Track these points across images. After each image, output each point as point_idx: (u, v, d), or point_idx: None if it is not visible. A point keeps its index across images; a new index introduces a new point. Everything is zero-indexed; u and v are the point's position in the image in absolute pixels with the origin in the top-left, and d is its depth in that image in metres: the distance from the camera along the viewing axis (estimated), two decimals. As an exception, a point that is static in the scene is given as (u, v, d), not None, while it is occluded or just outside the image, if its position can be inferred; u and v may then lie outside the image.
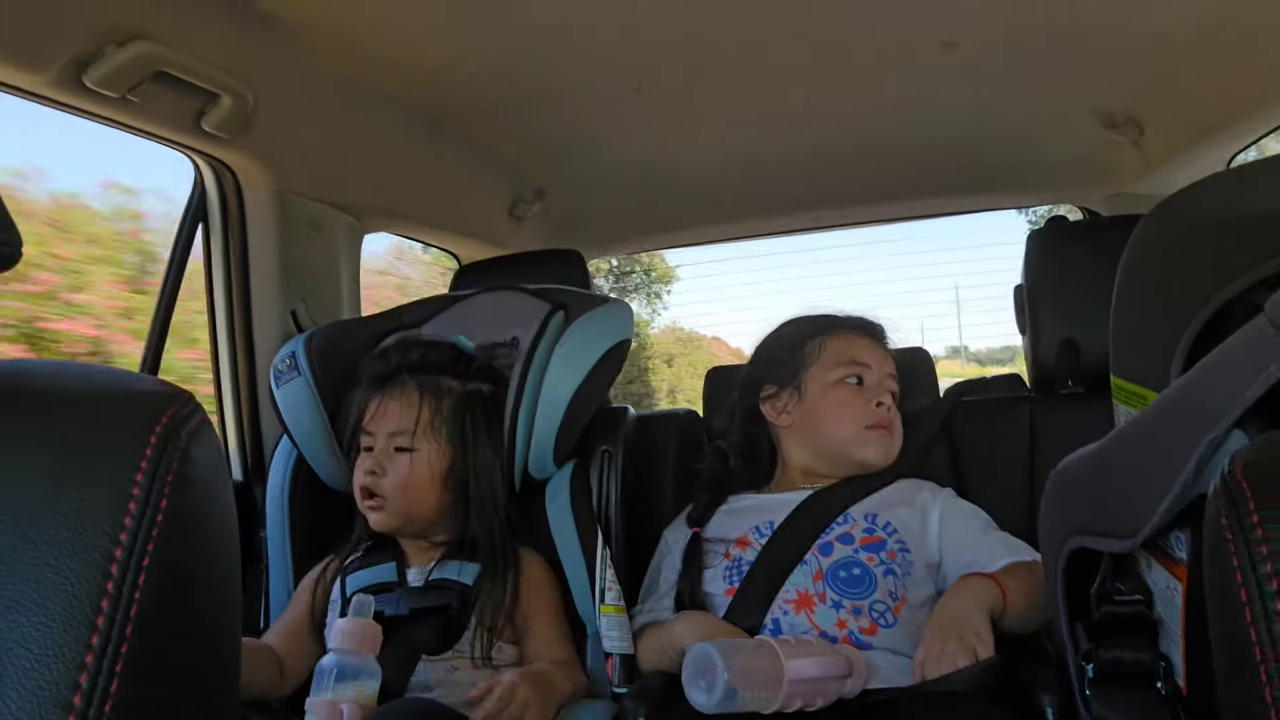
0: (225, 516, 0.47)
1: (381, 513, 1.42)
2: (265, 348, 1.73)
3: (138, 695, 0.39)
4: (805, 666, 1.13)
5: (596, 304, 1.60)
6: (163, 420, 0.44)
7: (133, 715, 0.38)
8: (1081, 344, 1.63)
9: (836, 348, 1.57)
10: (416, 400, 1.43)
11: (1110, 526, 0.75)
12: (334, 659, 1.20)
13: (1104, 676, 0.81)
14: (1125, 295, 0.89)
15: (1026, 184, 2.51)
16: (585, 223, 2.62)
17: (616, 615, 1.39)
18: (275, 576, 1.54)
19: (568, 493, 1.50)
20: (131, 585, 0.40)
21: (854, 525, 1.44)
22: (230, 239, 1.71)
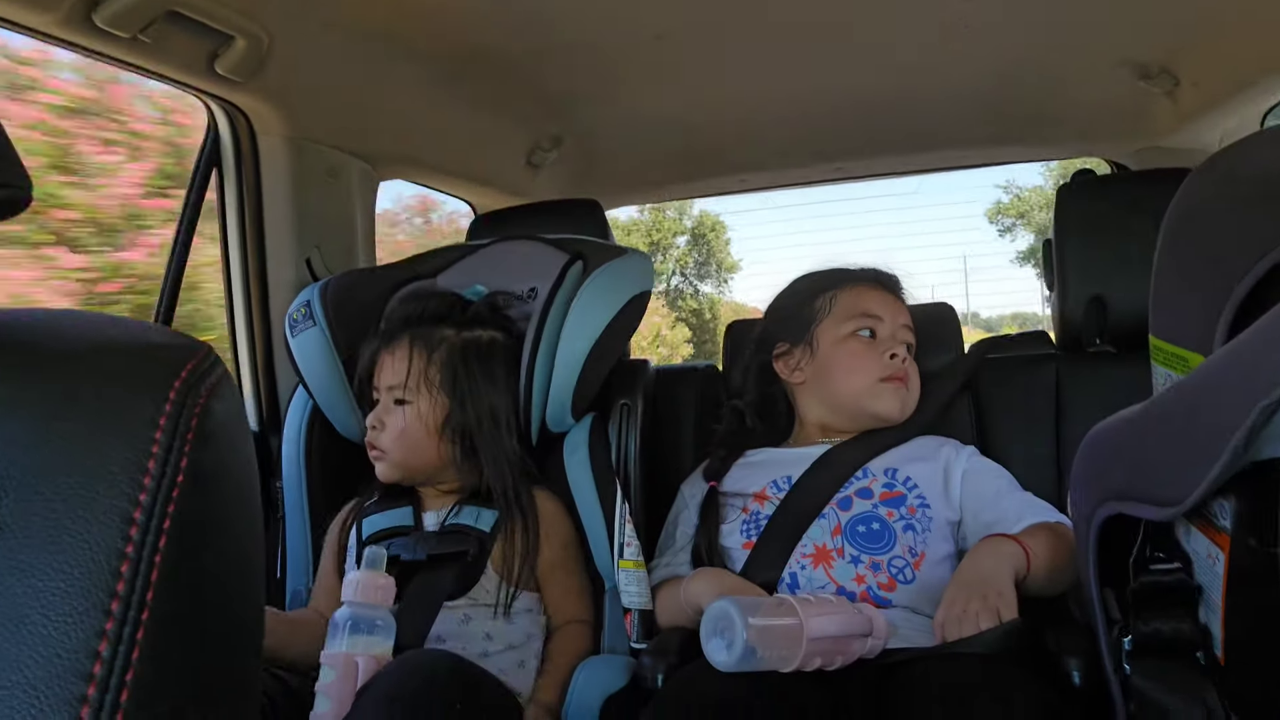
0: (247, 473, 0.45)
1: (383, 464, 1.43)
2: (280, 296, 1.72)
3: (159, 661, 0.37)
4: (825, 625, 1.12)
5: (615, 254, 1.57)
6: (182, 373, 0.42)
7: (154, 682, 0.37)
8: (1110, 301, 1.60)
9: (847, 301, 1.54)
10: (408, 353, 1.42)
11: (1151, 493, 0.72)
12: (348, 612, 1.19)
13: (1142, 647, 0.80)
14: (1169, 253, 0.86)
15: (1056, 136, 2.44)
16: (603, 172, 2.58)
17: (635, 570, 1.39)
18: (292, 526, 1.54)
19: (586, 446, 1.48)
20: (152, 548, 0.38)
21: (873, 480, 1.43)
22: (244, 185, 1.68)
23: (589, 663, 1.31)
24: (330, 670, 1.15)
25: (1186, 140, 2.19)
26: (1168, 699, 0.78)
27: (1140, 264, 1.52)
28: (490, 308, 1.51)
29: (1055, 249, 1.66)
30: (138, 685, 0.36)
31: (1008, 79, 2.10)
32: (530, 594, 1.40)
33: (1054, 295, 1.68)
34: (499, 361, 1.45)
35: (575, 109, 2.21)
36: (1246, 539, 0.68)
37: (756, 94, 2.14)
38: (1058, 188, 1.74)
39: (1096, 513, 0.81)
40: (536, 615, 1.41)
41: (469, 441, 1.42)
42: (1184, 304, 0.83)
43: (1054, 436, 1.58)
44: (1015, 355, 1.69)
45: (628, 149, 2.46)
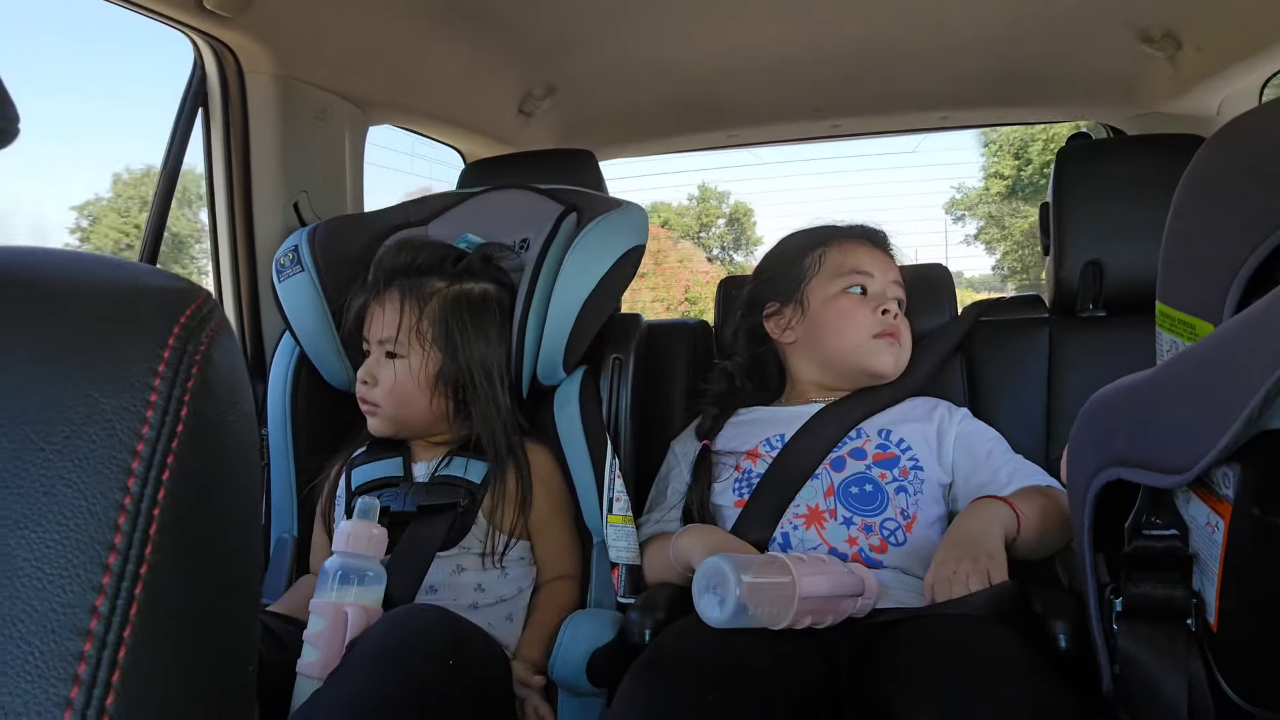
0: (246, 424, 0.43)
1: (375, 418, 1.41)
2: (266, 240, 1.68)
3: (156, 619, 0.35)
4: (818, 584, 1.12)
5: (610, 206, 1.54)
6: (181, 318, 0.40)
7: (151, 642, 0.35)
8: (1106, 266, 1.59)
9: (836, 258, 1.53)
10: (399, 306, 1.40)
11: (1155, 460, 0.72)
12: (338, 561, 1.18)
13: (1132, 611, 0.80)
14: (1182, 218, 0.84)
15: (1056, 98, 2.42)
16: (597, 122, 2.53)
17: (624, 525, 1.38)
18: (277, 475, 1.53)
19: (577, 400, 1.47)
20: (150, 500, 0.36)
21: (867, 440, 1.42)
22: (231, 125, 1.64)
23: (575, 617, 1.30)
24: (319, 619, 1.14)
25: (1186, 106, 2.17)
26: (1154, 664, 0.79)
27: (1138, 229, 1.54)
28: (483, 259, 1.48)
29: (1053, 212, 1.65)
30: (135, 642, 0.35)
31: (1010, 39, 2.08)
32: (523, 542, 1.40)
33: (1050, 259, 1.67)
34: (491, 314, 1.43)
35: (569, 56, 2.16)
36: (1250, 508, 0.68)
37: (753, 45, 2.10)
38: (1057, 151, 1.72)
39: (1096, 477, 0.80)
40: (528, 566, 1.41)
41: (461, 395, 1.40)
42: (1195, 269, 0.82)
43: (1045, 399, 1.58)
44: (1009, 318, 1.68)
45: (621, 99, 2.41)
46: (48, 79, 7.82)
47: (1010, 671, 0.99)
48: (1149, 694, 0.78)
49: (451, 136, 2.40)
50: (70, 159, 7.55)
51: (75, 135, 6.97)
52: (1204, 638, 0.77)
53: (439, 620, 1.14)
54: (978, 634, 1.09)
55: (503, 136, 2.38)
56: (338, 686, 1.04)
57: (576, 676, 1.22)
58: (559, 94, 2.32)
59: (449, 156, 2.50)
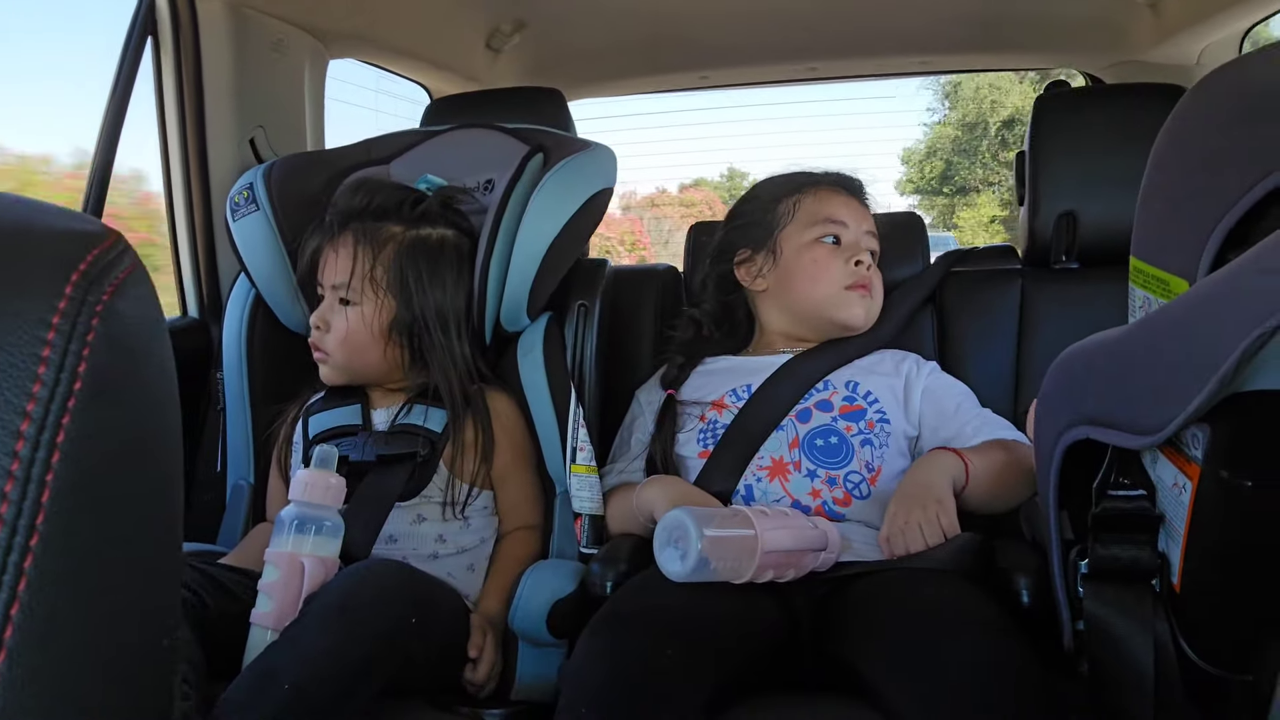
0: (162, 383, 0.40)
1: (326, 366, 1.38)
2: (221, 177, 1.63)
3: (49, 595, 0.32)
4: (781, 538, 1.10)
5: (578, 147, 1.50)
6: (81, 265, 0.36)
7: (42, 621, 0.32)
8: (1081, 217, 1.57)
9: (811, 206, 1.49)
10: (352, 251, 1.35)
11: (1126, 420, 0.70)
12: (294, 510, 1.15)
13: (1098, 572, 0.79)
14: (1160, 172, 0.82)
15: (1034, 44, 2.38)
16: (567, 60, 2.46)
17: (587, 475, 1.36)
18: (233, 419, 1.49)
19: (541, 347, 1.44)
20: (43, 465, 0.33)
21: (834, 393, 1.41)
22: (182, 56, 1.57)
23: (537, 567, 1.29)
24: (274, 569, 1.12)
25: (1166, 55, 2.14)
26: (1120, 624, 0.78)
27: (1115, 180, 1.51)
28: (442, 203, 1.43)
29: (1029, 162, 1.62)
30: (23, 622, 0.31)
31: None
32: (486, 492, 1.38)
33: (1024, 209, 1.65)
34: (449, 261, 1.39)
35: (538, -11, 2.09)
36: (1217, 470, 0.67)
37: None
38: (1035, 99, 1.69)
39: (1064, 435, 0.79)
40: (490, 516, 1.39)
41: (416, 343, 1.37)
42: (1170, 225, 0.80)
43: (1015, 352, 1.57)
44: (981, 269, 1.66)
45: (591, 36, 2.35)
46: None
47: (969, 627, 0.99)
48: (1115, 654, 0.77)
49: (417, 72, 2.32)
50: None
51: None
52: (1168, 598, 0.76)
53: (401, 577, 1.12)
54: (938, 589, 1.09)
55: (470, 73, 2.31)
56: (297, 643, 1.02)
57: (536, 627, 1.21)
58: (528, 29, 2.25)
59: (416, 93, 2.43)
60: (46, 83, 5.81)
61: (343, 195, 1.43)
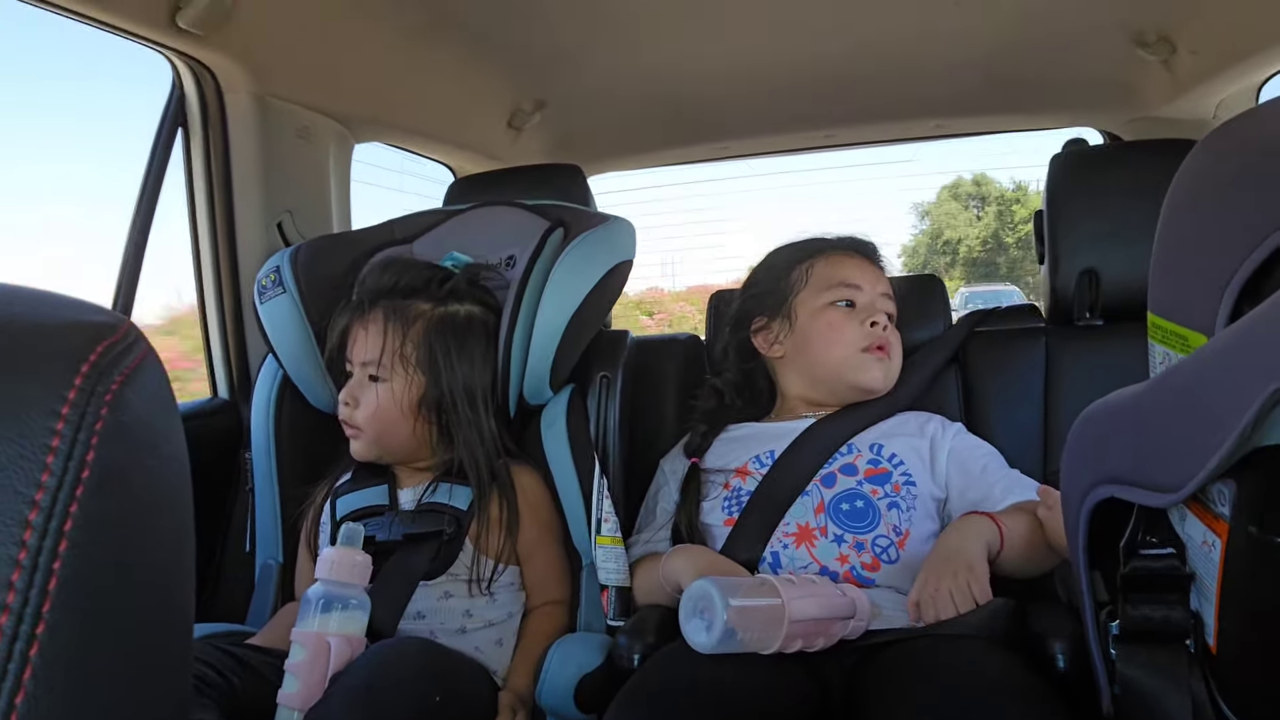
0: (172, 472, 0.40)
1: (358, 442, 1.39)
2: (249, 261, 1.66)
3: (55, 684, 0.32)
4: (808, 606, 1.09)
5: (597, 221, 1.52)
6: (91, 356, 0.37)
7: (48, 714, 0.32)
8: (1102, 274, 1.56)
9: (824, 271, 1.50)
10: (382, 328, 1.37)
11: (1148, 478, 0.69)
12: (321, 589, 1.16)
13: (1130, 633, 0.77)
14: (1171, 226, 0.82)
15: (1050, 105, 2.40)
16: (587, 136, 2.51)
17: (613, 547, 1.35)
18: (261, 499, 1.50)
19: (564, 419, 1.44)
20: (50, 554, 0.33)
21: (858, 456, 1.39)
22: (211, 145, 1.62)
23: (564, 641, 1.27)
24: (300, 649, 1.12)
25: (1182, 111, 2.15)
26: (1154, 686, 0.76)
27: (1134, 236, 1.51)
28: (469, 280, 1.45)
29: (1046, 220, 1.62)
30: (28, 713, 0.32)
31: (1003, 46, 2.06)
32: (512, 568, 1.37)
33: (1044, 267, 1.64)
34: (476, 337, 1.41)
35: (558, 71, 2.14)
36: (1246, 527, 0.65)
37: (745, 56, 2.08)
38: (1051, 158, 1.70)
39: (1089, 495, 0.78)
40: (517, 591, 1.38)
41: (444, 419, 1.38)
42: (1186, 279, 0.79)
43: (1042, 410, 1.55)
44: (1004, 328, 1.65)
45: (613, 113, 2.40)
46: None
47: (1005, 695, 0.96)
48: (1151, 717, 0.75)
49: (440, 153, 2.38)
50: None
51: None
52: (1204, 659, 0.74)
53: (424, 656, 1.12)
54: (972, 655, 1.06)
55: (492, 152, 2.36)
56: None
57: (564, 703, 1.19)
58: (549, 109, 2.30)
59: (441, 173, 2.48)
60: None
61: (371, 274, 1.45)
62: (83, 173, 5.77)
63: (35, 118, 3.85)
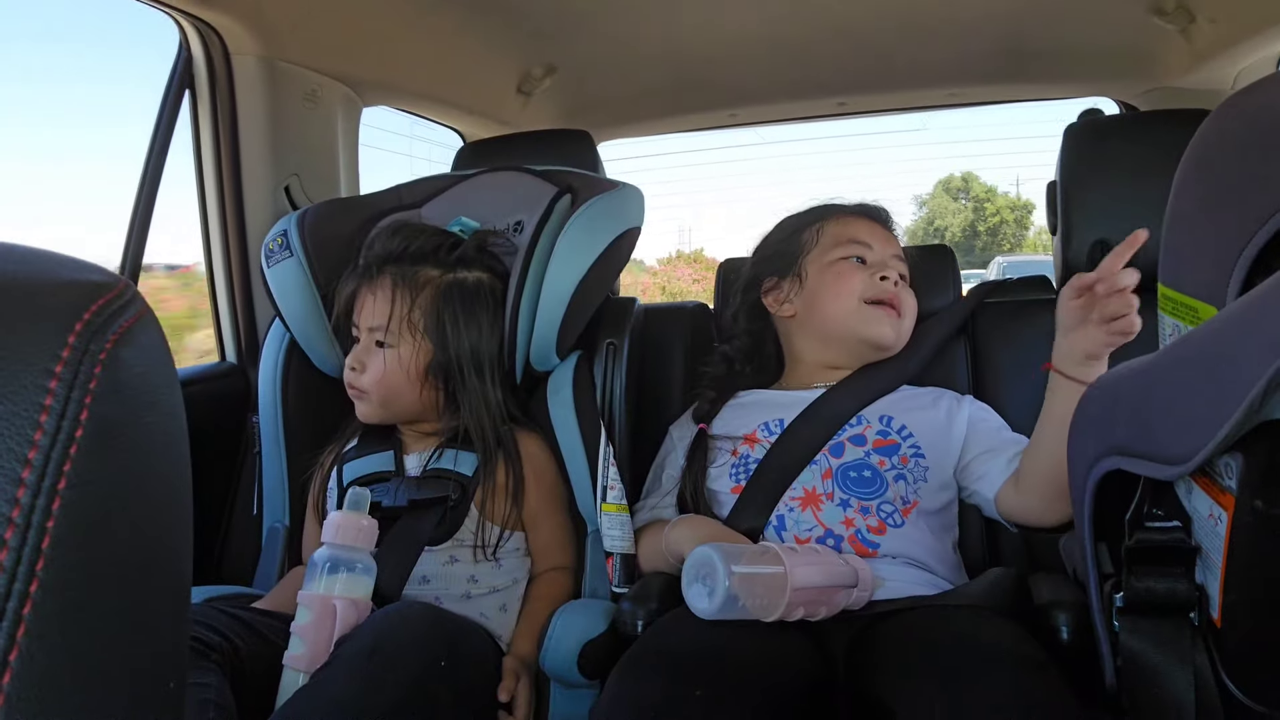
0: (167, 425, 0.40)
1: (363, 404, 1.39)
2: (257, 225, 1.66)
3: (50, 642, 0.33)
4: (810, 575, 1.09)
5: (606, 188, 1.51)
6: (85, 315, 0.37)
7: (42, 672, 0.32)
8: (1114, 245, 1.54)
9: (835, 230, 1.50)
10: (390, 294, 1.37)
11: (1155, 450, 0.69)
12: (327, 553, 1.16)
13: (1134, 605, 0.77)
14: (1183, 198, 0.81)
15: (1065, 74, 2.36)
16: (597, 102, 2.49)
17: (618, 514, 1.35)
18: (269, 462, 1.51)
19: (570, 386, 1.44)
20: (43, 512, 0.33)
21: (867, 427, 1.39)
22: (219, 109, 1.61)
23: (568, 607, 1.28)
24: (306, 611, 1.12)
25: (1199, 81, 2.11)
26: (1157, 658, 0.76)
27: (1147, 207, 1.48)
28: (477, 247, 1.44)
29: (1060, 191, 1.60)
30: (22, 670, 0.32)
31: (1019, 13, 2.03)
32: (517, 534, 1.38)
33: (1057, 238, 1.63)
34: (484, 304, 1.40)
35: (569, 36, 2.12)
36: (1252, 500, 0.65)
37: (756, 23, 2.06)
38: (1065, 128, 1.68)
39: (1096, 466, 0.77)
40: (522, 557, 1.39)
41: (450, 386, 1.38)
42: (1197, 251, 0.78)
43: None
44: (1014, 299, 1.64)
45: (621, 79, 2.37)
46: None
47: (1007, 666, 0.96)
48: (1154, 690, 0.75)
49: (450, 117, 2.36)
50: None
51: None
52: (1208, 632, 0.74)
53: (429, 620, 1.12)
54: (975, 626, 1.06)
55: (502, 117, 2.35)
56: (326, 686, 1.02)
57: (567, 668, 1.20)
58: (559, 74, 2.28)
59: (450, 138, 2.47)
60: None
61: (380, 239, 1.45)
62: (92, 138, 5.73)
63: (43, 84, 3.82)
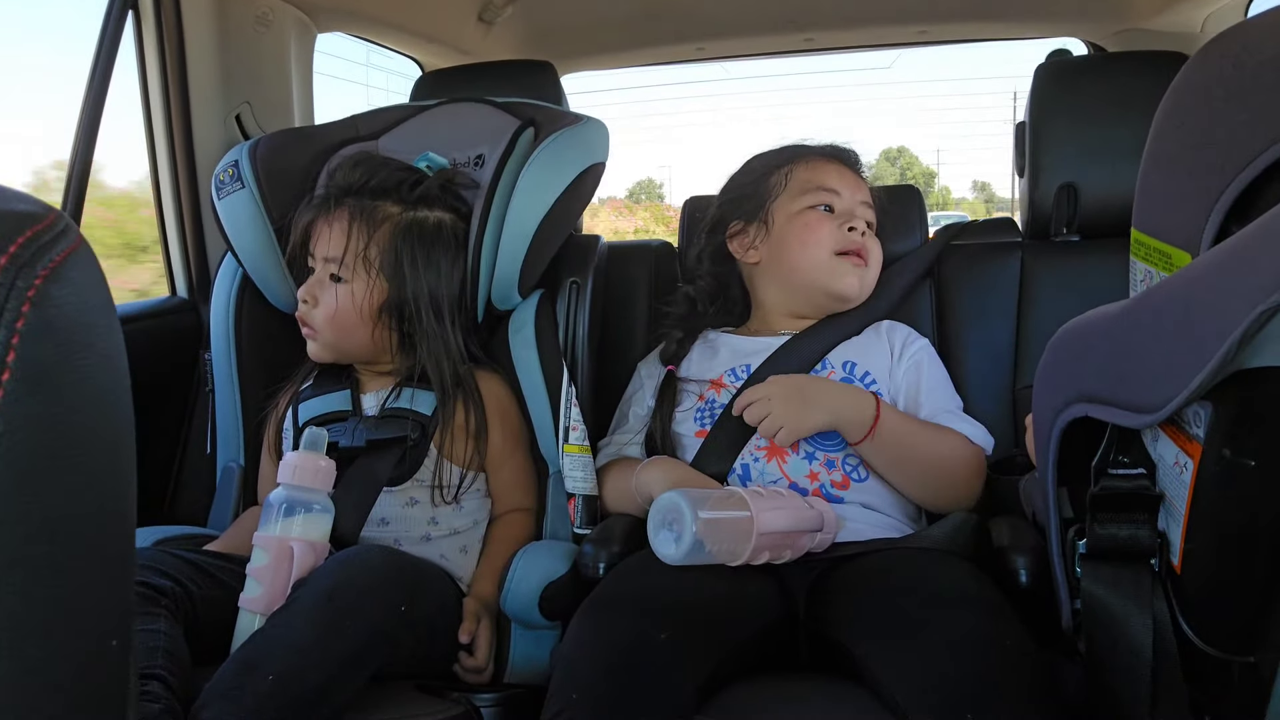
0: (106, 370, 0.37)
1: (314, 343, 1.35)
2: (207, 155, 1.60)
3: None
4: (776, 519, 1.09)
5: (570, 121, 1.47)
6: (11, 248, 0.34)
7: None
8: (1082, 189, 1.54)
9: (803, 175, 1.46)
10: (346, 227, 1.32)
11: (1126, 399, 0.68)
12: (284, 493, 1.14)
13: (1096, 551, 0.77)
14: (1161, 143, 0.79)
15: (1035, 13, 2.33)
16: (560, 32, 2.42)
17: (580, 455, 1.34)
18: (222, 401, 1.47)
19: (533, 326, 1.41)
20: None
21: (831, 373, 1.38)
22: (165, 32, 1.54)
23: (529, 549, 1.27)
24: (263, 553, 1.11)
25: (1169, 23, 2.10)
26: (1117, 604, 0.77)
27: (1117, 151, 1.48)
28: (441, 186, 1.40)
29: (1029, 132, 1.59)
30: None
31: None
32: (479, 475, 1.36)
33: (1024, 181, 1.62)
34: (444, 245, 1.36)
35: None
36: (1219, 449, 0.65)
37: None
38: (1035, 68, 1.65)
39: (1062, 413, 0.77)
40: (483, 498, 1.38)
41: (406, 326, 1.34)
42: (1173, 196, 0.77)
43: (1014, 327, 1.54)
44: (980, 242, 1.63)
45: (585, 8, 2.30)
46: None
47: (964, 607, 0.97)
48: (1113, 635, 0.76)
49: (407, 45, 2.28)
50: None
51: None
52: (1167, 578, 0.74)
53: (388, 563, 1.11)
54: (934, 568, 1.07)
55: (462, 46, 2.27)
56: (284, 631, 1.00)
57: (528, 610, 1.19)
58: (521, 1, 2.20)
59: (407, 67, 2.39)
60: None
61: (341, 169, 1.39)
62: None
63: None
